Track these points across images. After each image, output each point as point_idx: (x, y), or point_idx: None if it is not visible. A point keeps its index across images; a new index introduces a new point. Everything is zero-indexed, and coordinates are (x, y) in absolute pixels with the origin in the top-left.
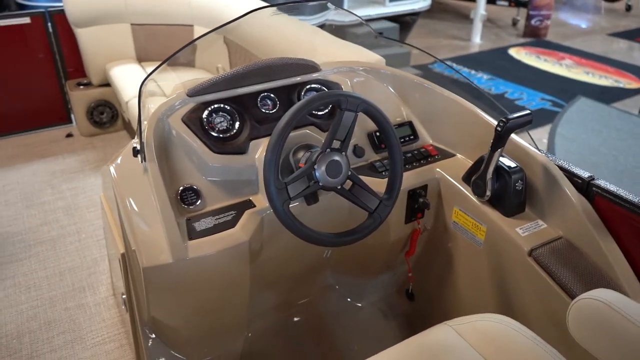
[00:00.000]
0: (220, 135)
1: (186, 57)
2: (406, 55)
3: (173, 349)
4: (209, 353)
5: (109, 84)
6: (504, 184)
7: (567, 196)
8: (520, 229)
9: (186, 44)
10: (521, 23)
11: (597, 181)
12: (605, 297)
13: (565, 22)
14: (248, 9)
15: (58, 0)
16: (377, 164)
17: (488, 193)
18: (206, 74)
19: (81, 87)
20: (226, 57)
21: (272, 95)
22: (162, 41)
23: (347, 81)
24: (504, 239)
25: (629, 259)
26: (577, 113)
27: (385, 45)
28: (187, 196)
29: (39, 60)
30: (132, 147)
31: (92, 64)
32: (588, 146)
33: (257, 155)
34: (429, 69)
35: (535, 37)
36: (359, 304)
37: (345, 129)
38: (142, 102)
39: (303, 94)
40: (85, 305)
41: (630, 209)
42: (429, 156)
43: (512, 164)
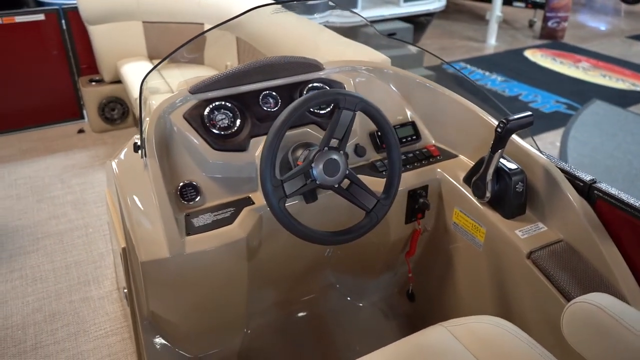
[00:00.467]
0: (221, 133)
1: (195, 54)
2: (419, 56)
3: (172, 343)
4: (208, 348)
5: (120, 80)
6: (504, 185)
7: (568, 199)
8: (520, 231)
9: (184, 43)
10: (538, 25)
11: (599, 184)
12: (599, 301)
13: (584, 25)
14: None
15: None
16: (378, 163)
17: (488, 194)
18: (214, 71)
19: (93, 83)
20: (235, 55)
21: (274, 94)
22: (174, 39)
23: (349, 80)
24: (503, 241)
25: (629, 264)
26: (592, 116)
27: (397, 45)
28: (187, 192)
29: (52, 57)
30: (133, 142)
31: (104, 61)
32: (602, 150)
33: (257, 153)
34: (442, 70)
35: (552, 39)
36: (359, 304)
37: (343, 128)
38: (143, 98)
39: (305, 92)
40: (90, 299)
41: (632, 213)
42: (430, 156)
43: (513, 166)
